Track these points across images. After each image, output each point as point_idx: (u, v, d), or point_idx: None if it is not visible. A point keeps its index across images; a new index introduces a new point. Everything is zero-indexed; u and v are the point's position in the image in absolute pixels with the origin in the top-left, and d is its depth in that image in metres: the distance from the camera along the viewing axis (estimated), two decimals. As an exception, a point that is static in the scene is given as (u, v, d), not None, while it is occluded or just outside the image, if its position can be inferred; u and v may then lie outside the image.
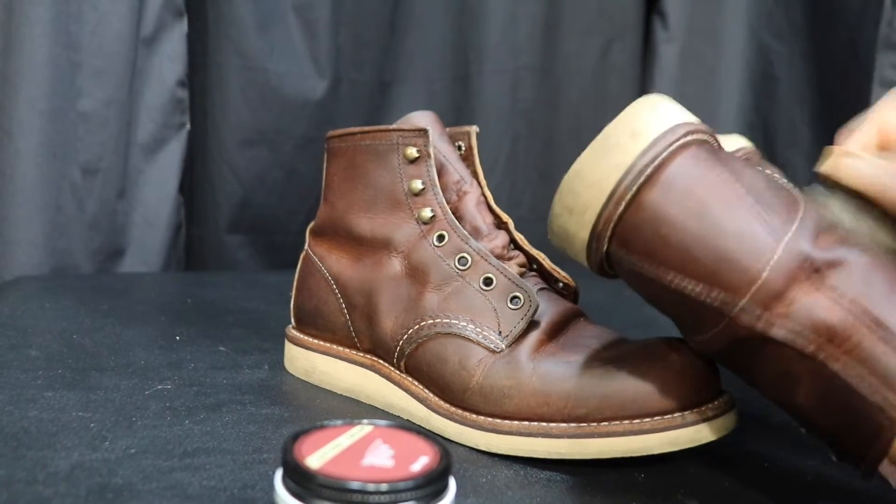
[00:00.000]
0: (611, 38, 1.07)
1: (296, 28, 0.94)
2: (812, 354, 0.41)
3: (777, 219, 0.43)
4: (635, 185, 0.44)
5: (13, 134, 0.84)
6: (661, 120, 0.45)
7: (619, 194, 0.44)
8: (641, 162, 0.44)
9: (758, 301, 0.42)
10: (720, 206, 0.43)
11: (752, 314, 0.42)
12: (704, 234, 0.43)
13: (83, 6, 0.85)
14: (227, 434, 0.50)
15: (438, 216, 0.55)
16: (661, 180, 0.44)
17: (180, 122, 0.92)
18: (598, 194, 0.44)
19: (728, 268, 0.42)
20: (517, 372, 0.50)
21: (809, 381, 0.42)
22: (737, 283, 0.42)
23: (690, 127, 0.45)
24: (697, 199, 0.43)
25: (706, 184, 0.44)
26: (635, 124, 0.45)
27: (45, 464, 0.45)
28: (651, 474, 0.49)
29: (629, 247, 0.45)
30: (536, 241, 0.59)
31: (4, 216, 0.85)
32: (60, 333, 0.67)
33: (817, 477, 0.50)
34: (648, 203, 0.44)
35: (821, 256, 0.42)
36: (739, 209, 0.43)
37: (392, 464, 0.36)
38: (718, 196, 0.43)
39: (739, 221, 0.43)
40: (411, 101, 0.99)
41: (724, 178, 0.44)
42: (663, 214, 0.43)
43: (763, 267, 0.42)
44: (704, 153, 0.45)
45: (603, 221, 0.45)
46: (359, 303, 0.57)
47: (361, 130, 0.58)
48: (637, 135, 0.44)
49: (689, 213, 0.43)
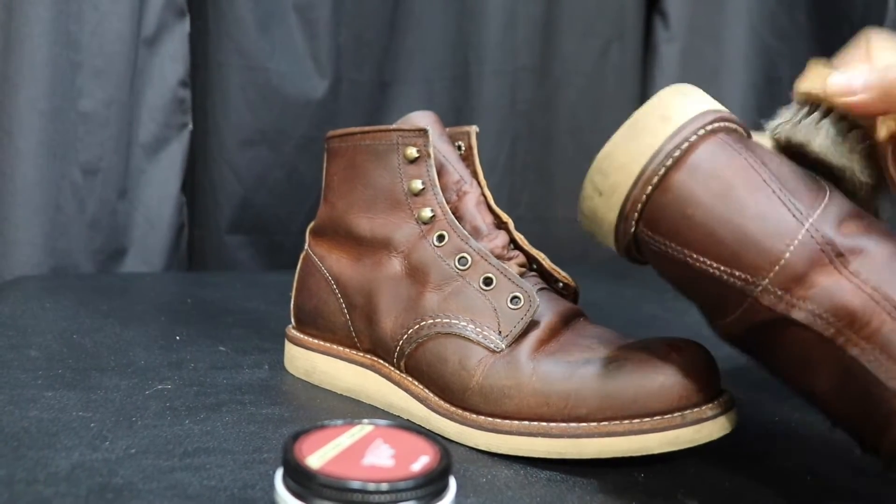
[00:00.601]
0: (610, 39, 1.08)
1: (296, 28, 0.94)
2: (832, 338, 0.42)
3: (801, 203, 0.43)
4: (663, 167, 0.44)
5: (13, 134, 0.84)
6: (691, 106, 0.46)
7: (647, 176, 0.45)
8: (670, 145, 0.44)
9: (780, 282, 0.42)
10: (745, 189, 0.44)
11: (773, 295, 0.42)
12: (729, 215, 0.43)
13: (83, 6, 0.85)
14: (228, 434, 0.50)
15: (438, 216, 0.55)
16: (688, 163, 0.44)
17: (182, 122, 0.92)
18: (627, 176, 0.45)
19: (751, 249, 0.43)
20: (517, 372, 0.50)
21: (829, 367, 0.42)
22: (759, 264, 0.42)
23: (719, 114, 0.46)
24: (723, 181, 0.44)
25: (732, 167, 0.44)
26: (665, 109, 0.46)
27: (45, 464, 0.45)
28: (651, 474, 0.49)
29: (656, 228, 0.45)
30: (536, 240, 0.59)
31: (4, 216, 0.85)
32: (60, 333, 0.67)
33: (817, 477, 0.50)
34: (675, 185, 0.44)
35: (843, 242, 0.42)
36: (764, 192, 0.44)
37: (392, 463, 0.36)
38: (744, 179, 0.44)
39: (763, 204, 0.43)
40: (411, 101, 0.99)
41: (750, 162, 0.44)
42: (689, 196, 0.44)
43: (785, 248, 0.42)
44: (732, 139, 0.46)
45: (631, 202, 0.45)
46: (359, 303, 0.57)
47: (361, 130, 0.58)
48: (667, 119, 0.45)
49: (715, 195, 0.44)
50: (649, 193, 0.45)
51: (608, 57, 1.08)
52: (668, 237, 0.45)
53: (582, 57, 1.07)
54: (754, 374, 0.67)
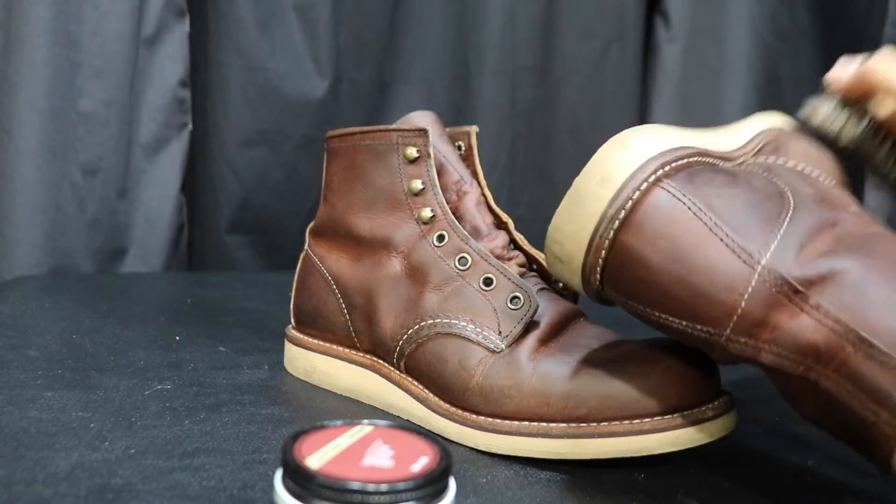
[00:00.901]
0: (610, 39, 1.07)
1: (296, 28, 0.94)
2: (803, 375, 0.42)
3: (753, 242, 0.42)
4: (610, 230, 0.44)
5: (13, 134, 0.84)
6: (631, 159, 0.45)
7: (597, 243, 0.45)
8: (612, 209, 0.44)
9: (741, 331, 0.42)
10: (691, 243, 0.43)
11: (738, 343, 0.42)
12: (679, 273, 0.43)
13: (83, 6, 0.85)
14: (227, 434, 0.50)
15: (438, 216, 0.55)
16: (633, 224, 0.44)
17: (182, 122, 0.92)
18: (579, 245, 0.45)
19: (706, 303, 0.42)
20: (517, 372, 0.50)
21: (810, 398, 0.43)
22: (717, 317, 0.42)
23: (663, 159, 0.45)
24: (668, 238, 0.43)
25: (676, 221, 0.43)
26: (604, 170, 0.45)
27: (44, 464, 0.45)
28: (651, 474, 0.49)
29: (618, 288, 0.46)
30: (536, 240, 0.59)
31: (4, 216, 0.85)
32: (60, 333, 0.67)
33: (817, 477, 0.50)
34: (624, 248, 0.44)
35: (804, 274, 0.41)
36: (711, 242, 0.43)
37: (392, 464, 0.36)
38: (689, 232, 0.43)
39: (712, 256, 0.43)
40: (411, 101, 0.99)
41: (693, 211, 0.44)
42: (639, 257, 0.44)
43: (740, 298, 0.42)
44: (677, 184, 0.44)
45: (589, 269, 0.46)
46: (358, 303, 0.57)
47: (361, 130, 0.58)
48: (606, 181, 0.44)
49: (663, 254, 0.43)
50: (603, 258, 0.45)
51: (608, 57, 1.07)
52: (629, 297, 0.45)
53: (582, 57, 1.07)
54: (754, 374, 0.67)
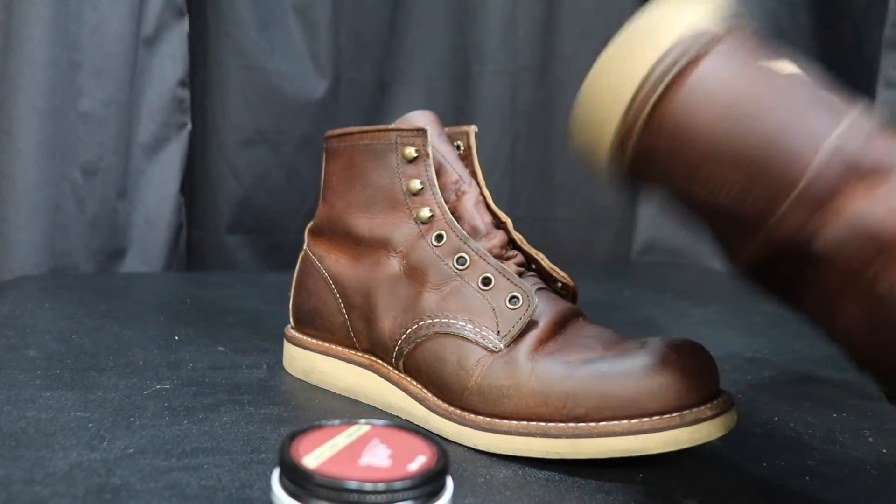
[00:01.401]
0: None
1: (296, 28, 0.95)
2: (859, 269, 0.37)
3: (825, 115, 0.38)
4: (654, 94, 0.39)
5: (13, 134, 0.84)
6: (690, 17, 0.40)
7: (639, 102, 0.39)
8: (660, 68, 0.39)
9: (801, 206, 0.37)
10: (755, 106, 0.38)
11: (794, 222, 0.37)
12: (735, 137, 0.38)
13: (83, 6, 0.85)
14: (226, 434, 0.50)
15: (437, 216, 0.55)
16: (685, 84, 0.38)
17: (181, 122, 0.92)
18: (616, 104, 0.40)
19: (764, 172, 0.37)
20: (516, 372, 0.50)
21: (857, 304, 0.38)
22: (776, 187, 0.37)
23: (727, 23, 0.40)
24: (727, 100, 0.38)
25: (738, 82, 0.39)
26: (656, 24, 0.40)
27: (43, 464, 0.45)
28: (650, 474, 0.49)
29: (651, 161, 0.40)
30: (535, 240, 0.59)
31: (4, 216, 0.85)
32: (60, 333, 0.67)
33: (817, 477, 0.50)
34: (676, 108, 0.39)
35: (877, 158, 0.37)
36: (778, 108, 0.38)
37: (389, 463, 0.36)
38: (752, 95, 0.38)
39: (777, 121, 0.38)
40: (411, 101, 0.99)
41: (761, 74, 0.39)
42: (691, 120, 0.38)
43: (804, 169, 0.37)
44: (740, 47, 0.39)
45: (624, 135, 0.40)
46: (357, 303, 0.57)
47: (360, 130, 0.58)
48: (658, 35, 0.40)
49: (718, 117, 0.38)
50: (644, 119, 0.39)
51: (608, 57, 1.08)
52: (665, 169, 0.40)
53: (581, 57, 1.07)
54: (754, 374, 0.67)
